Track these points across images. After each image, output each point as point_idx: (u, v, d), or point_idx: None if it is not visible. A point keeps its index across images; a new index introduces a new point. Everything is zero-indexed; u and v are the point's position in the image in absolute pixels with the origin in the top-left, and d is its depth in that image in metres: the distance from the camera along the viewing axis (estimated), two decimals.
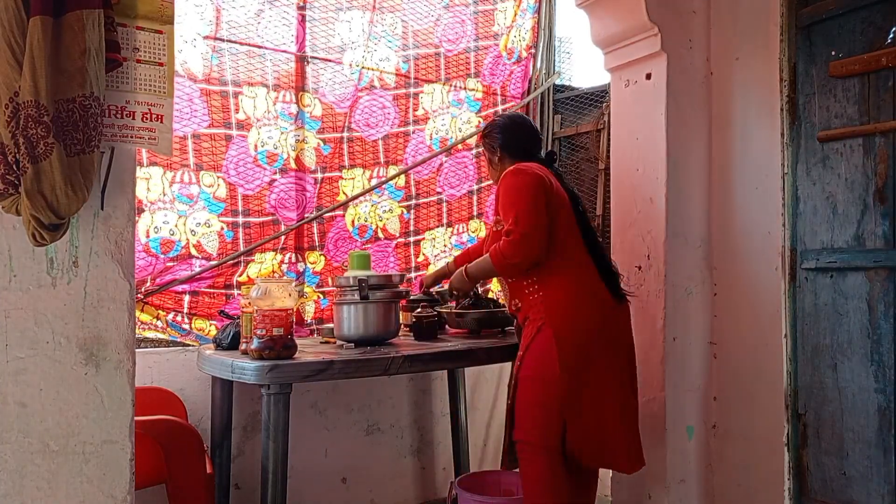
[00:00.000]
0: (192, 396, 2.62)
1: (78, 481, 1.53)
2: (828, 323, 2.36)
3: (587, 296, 2.19)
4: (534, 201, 2.13)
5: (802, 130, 2.44)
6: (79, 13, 1.39)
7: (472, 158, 3.40)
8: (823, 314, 2.37)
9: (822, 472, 2.37)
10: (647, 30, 2.65)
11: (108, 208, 1.57)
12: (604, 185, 3.33)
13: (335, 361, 2.12)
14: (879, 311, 2.20)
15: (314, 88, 2.90)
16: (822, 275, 2.38)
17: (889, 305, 2.17)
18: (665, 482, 2.61)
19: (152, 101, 1.58)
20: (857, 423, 2.26)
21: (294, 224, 2.88)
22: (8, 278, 1.48)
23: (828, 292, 2.36)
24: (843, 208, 2.31)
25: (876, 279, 2.21)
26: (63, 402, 1.52)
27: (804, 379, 2.43)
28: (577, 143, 3.57)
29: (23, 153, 1.36)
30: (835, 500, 2.32)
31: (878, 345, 2.20)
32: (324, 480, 2.94)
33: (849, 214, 2.30)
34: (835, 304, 2.33)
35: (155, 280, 2.62)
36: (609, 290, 2.23)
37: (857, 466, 2.26)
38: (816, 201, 2.40)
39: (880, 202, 2.20)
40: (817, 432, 2.38)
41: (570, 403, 2.09)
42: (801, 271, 2.44)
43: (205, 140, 2.68)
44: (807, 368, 2.42)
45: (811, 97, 2.42)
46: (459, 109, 3.34)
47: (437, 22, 3.21)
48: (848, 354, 2.29)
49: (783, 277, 2.47)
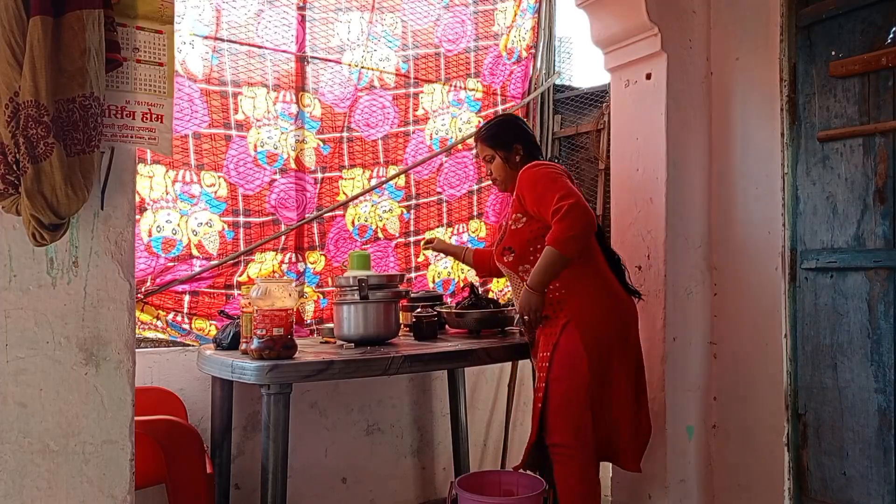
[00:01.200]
0: (192, 396, 2.62)
1: (78, 481, 1.53)
2: (828, 323, 2.36)
3: (607, 294, 2.24)
4: (569, 184, 2.19)
5: (802, 130, 2.44)
6: (79, 13, 1.39)
7: (472, 159, 3.39)
8: (823, 314, 2.37)
9: (822, 472, 2.37)
10: (647, 30, 2.65)
11: (108, 208, 1.57)
12: (604, 185, 3.33)
13: (335, 361, 2.12)
14: (879, 311, 2.20)
15: (314, 88, 2.90)
16: (822, 275, 2.38)
17: (889, 305, 2.17)
18: (665, 482, 2.61)
19: (152, 101, 1.58)
20: (857, 423, 2.26)
21: (294, 224, 2.88)
22: (8, 278, 1.48)
23: (827, 292, 2.36)
24: (843, 208, 2.31)
25: (876, 279, 2.21)
26: (63, 403, 1.52)
27: (804, 379, 2.43)
28: (577, 143, 3.57)
29: (23, 153, 1.36)
30: (834, 499, 2.32)
31: (878, 345, 2.20)
32: (324, 480, 2.94)
33: (849, 214, 2.30)
34: (834, 304, 2.33)
35: (155, 280, 2.62)
36: (622, 286, 2.28)
37: (857, 466, 2.26)
38: (816, 201, 2.40)
39: (880, 202, 2.20)
40: (817, 432, 2.39)
41: (596, 401, 2.15)
42: (801, 271, 2.44)
43: (205, 140, 2.68)
44: (807, 368, 2.42)
45: (811, 97, 2.42)
46: (459, 109, 3.34)
47: (437, 22, 3.21)
48: (848, 354, 2.29)
49: (783, 278, 2.47)
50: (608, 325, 2.19)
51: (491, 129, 2.48)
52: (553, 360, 2.17)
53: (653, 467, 2.57)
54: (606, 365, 2.17)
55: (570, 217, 2.07)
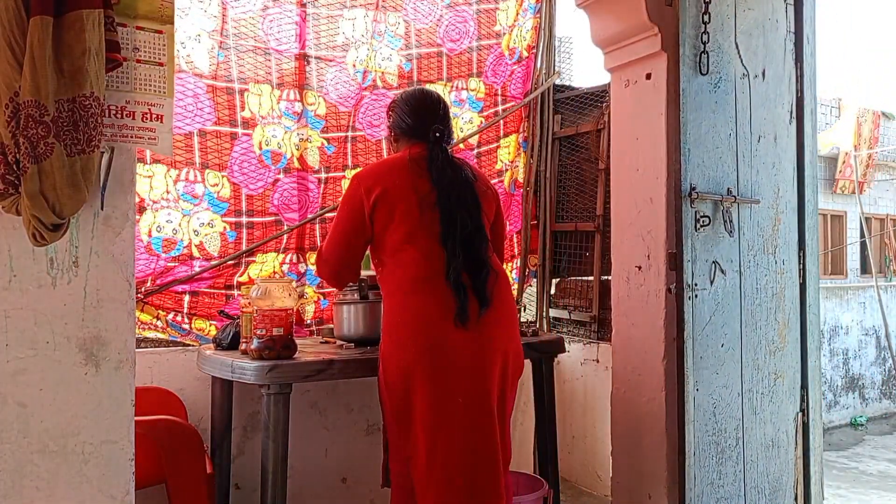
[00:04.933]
0: (192, 396, 2.62)
1: (77, 481, 1.53)
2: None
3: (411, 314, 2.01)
4: (338, 217, 2.15)
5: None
6: (79, 13, 1.39)
7: (474, 158, 3.39)
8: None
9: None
10: (647, 30, 2.65)
11: (108, 208, 1.57)
12: (604, 185, 3.33)
13: (335, 361, 2.12)
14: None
15: (319, 87, 2.90)
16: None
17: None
18: (665, 482, 2.61)
19: (152, 100, 1.58)
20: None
21: (296, 224, 2.87)
22: (8, 278, 1.48)
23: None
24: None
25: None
26: (63, 403, 1.52)
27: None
28: (577, 143, 3.57)
29: (23, 153, 1.36)
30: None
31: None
32: (324, 480, 2.94)
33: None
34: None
35: (156, 281, 2.62)
36: (454, 307, 1.96)
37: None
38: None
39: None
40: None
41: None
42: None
43: (210, 138, 2.67)
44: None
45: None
46: (461, 109, 3.33)
47: (440, 21, 3.20)
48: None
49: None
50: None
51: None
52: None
53: (653, 467, 2.57)
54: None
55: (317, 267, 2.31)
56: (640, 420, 2.53)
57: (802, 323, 2.70)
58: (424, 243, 2.02)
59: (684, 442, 2.35)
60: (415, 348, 1.96)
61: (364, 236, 2.10)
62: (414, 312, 1.99)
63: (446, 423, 1.94)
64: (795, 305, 2.69)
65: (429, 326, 1.96)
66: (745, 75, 2.61)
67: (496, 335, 2.02)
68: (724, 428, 2.47)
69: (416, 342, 1.96)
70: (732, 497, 2.49)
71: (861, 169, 10.82)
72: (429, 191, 2.04)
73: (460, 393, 1.94)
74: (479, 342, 1.98)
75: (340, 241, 2.14)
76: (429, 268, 2.00)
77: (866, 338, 7.90)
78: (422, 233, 2.02)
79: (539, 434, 2.84)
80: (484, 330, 1.99)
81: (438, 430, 1.93)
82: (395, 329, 2.02)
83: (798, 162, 2.74)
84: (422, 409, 1.94)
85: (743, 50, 2.58)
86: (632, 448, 2.63)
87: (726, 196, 2.48)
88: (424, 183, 2.05)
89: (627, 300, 2.68)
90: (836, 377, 7.51)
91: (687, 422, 2.34)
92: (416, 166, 2.08)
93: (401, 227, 2.03)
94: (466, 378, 1.95)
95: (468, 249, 2.02)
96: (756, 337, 2.57)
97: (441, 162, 2.09)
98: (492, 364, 1.99)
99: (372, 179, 2.08)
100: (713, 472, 2.44)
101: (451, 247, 2.00)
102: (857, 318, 7.78)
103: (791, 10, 2.73)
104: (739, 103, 2.59)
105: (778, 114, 2.69)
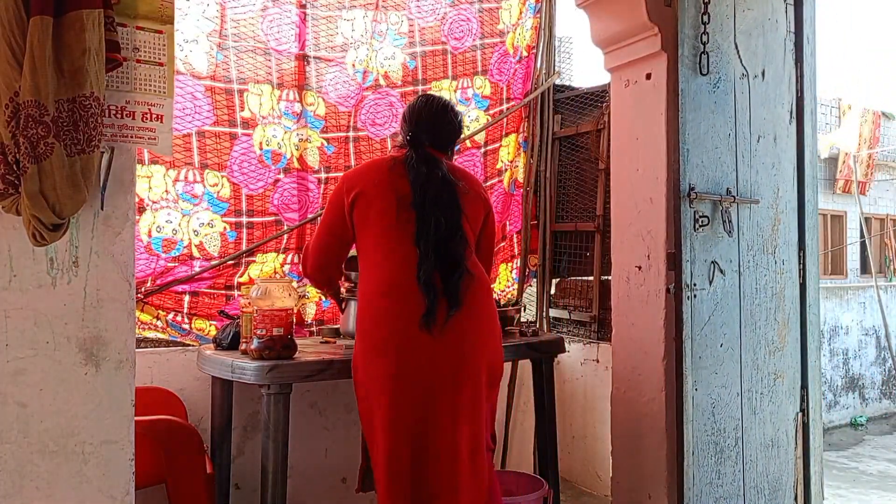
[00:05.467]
0: (192, 396, 2.62)
1: (77, 481, 1.53)
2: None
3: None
4: (324, 220, 2.18)
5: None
6: (79, 13, 1.39)
7: (481, 157, 3.39)
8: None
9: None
10: (647, 30, 2.65)
11: (108, 208, 1.57)
12: (604, 185, 3.33)
13: (335, 361, 2.12)
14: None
15: (318, 87, 2.90)
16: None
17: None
18: (666, 482, 2.61)
19: (152, 101, 1.58)
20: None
21: (296, 224, 2.87)
22: (8, 278, 1.48)
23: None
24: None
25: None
26: (63, 403, 1.52)
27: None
28: (577, 143, 3.57)
29: (23, 153, 1.36)
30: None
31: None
32: (324, 480, 2.94)
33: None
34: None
35: (156, 281, 2.62)
36: (423, 310, 1.94)
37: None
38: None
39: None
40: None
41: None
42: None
43: (209, 138, 2.67)
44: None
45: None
46: (468, 107, 3.33)
47: (444, 19, 3.20)
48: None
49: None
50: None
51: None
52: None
53: (653, 467, 2.57)
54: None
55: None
56: (641, 420, 2.53)
57: (802, 323, 2.70)
58: (398, 244, 2.01)
59: (682, 441, 2.34)
60: (376, 354, 1.96)
61: (344, 235, 2.12)
62: (380, 318, 1.98)
63: (402, 426, 1.93)
64: (795, 305, 2.69)
65: (393, 332, 1.95)
66: (745, 75, 2.61)
67: (467, 338, 1.99)
68: (722, 428, 2.47)
69: (378, 348, 1.96)
70: (731, 497, 2.49)
71: (861, 169, 10.82)
72: (408, 191, 2.03)
73: (420, 396, 1.93)
74: (445, 344, 1.95)
75: (321, 239, 2.18)
76: (401, 270, 1.98)
77: (866, 338, 7.89)
78: (397, 233, 2.01)
79: (539, 434, 2.84)
80: (452, 333, 1.96)
81: (396, 434, 1.92)
82: (362, 336, 2.02)
83: (798, 162, 2.74)
84: (380, 415, 1.94)
85: (742, 50, 2.58)
86: (632, 448, 2.63)
87: (725, 196, 2.48)
88: (405, 184, 2.04)
89: (627, 300, 2.68)
90: (836, 377, 7.51)
91: (685, 421, 2.34)
92: (398, 166, 2.08)
93: (376, 226, 2.03)
94: (426, 381, 1.94)
95: (442, 250, 1.99)
96: (755, 337, 2.57)
97: (417, 161, 2.06)
98: (460, 366, 1.96)
99: (354, 179, 2.10)
100: (712, 472, 2.44)
101: (424, 248, 1.97)
102: (857, 318, 7.78)
103: (791, 10, 2.73)
104: (739, 103, 2.59)
105: (778, 114, 2.69)
